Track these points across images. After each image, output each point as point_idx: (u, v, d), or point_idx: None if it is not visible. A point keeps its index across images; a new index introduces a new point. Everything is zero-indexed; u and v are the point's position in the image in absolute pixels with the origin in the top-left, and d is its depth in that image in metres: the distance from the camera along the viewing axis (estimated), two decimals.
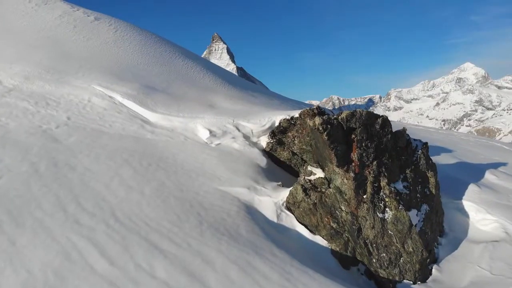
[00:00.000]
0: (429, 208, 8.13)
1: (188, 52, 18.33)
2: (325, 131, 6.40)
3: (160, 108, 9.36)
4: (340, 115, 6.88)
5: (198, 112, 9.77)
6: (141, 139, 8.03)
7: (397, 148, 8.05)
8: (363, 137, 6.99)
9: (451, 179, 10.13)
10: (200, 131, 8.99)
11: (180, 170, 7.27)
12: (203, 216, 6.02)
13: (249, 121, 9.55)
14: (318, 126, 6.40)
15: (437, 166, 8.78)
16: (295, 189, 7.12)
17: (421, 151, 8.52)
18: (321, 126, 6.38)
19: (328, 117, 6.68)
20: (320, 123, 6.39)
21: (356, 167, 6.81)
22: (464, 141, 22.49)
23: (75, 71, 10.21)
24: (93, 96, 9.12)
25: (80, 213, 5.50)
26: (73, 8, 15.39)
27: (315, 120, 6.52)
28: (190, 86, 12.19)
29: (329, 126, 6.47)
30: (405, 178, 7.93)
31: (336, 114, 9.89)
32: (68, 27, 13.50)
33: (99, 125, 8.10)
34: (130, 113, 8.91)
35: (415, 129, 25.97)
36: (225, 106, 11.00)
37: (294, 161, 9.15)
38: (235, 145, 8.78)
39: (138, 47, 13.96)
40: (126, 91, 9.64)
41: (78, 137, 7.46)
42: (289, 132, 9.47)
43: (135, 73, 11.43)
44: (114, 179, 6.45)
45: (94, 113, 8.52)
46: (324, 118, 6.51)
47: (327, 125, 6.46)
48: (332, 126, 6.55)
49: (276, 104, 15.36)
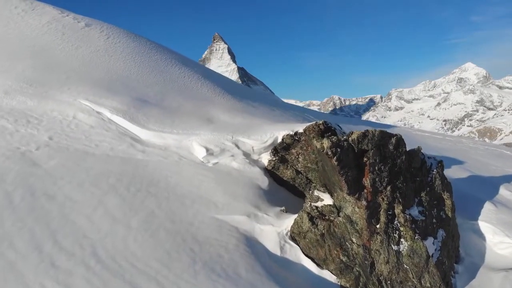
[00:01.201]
0: (445, 234, 7.71)
1: (186, 59, 17.83)
2: (334, 156, 5.87)
3: (152, 124, 8.84)
4: (351, 135, 6.34)
5: (194, 127, 9.25)
6: (130, 160, 7.50)
7: (411, 169, 7.54)
8: (376, 160, 6.46)
9: (465, 197, 9.79)
10: (196, 149, 8.47)
11: (173, 196, 6.73)
12: (197, 252, 5.49)
13: (249, 137, 9.07)
14: (327, 150, 5.85)
15: (450, 181, 8.39)
16: (300, 217, 6.58)
17: (436, 171, 8.07)
18: (330, 150, 5.84)
19: (338, 138, 6.14)
20: (329, 146, 5.85)
21: (369, 194, 6.28)
22: (473, 149, 22.18)
23: (61, 84, 9.67)
24: (79, 112, 8.60)
25: (57, 253, 4.98)
26: (62, 14, 14.87)
27: (323, 142, 5.98)
28: (186, 97, 11.67)
29: (338, 149, 5.93)
30: (420, 202, 7.46)
31: (346, 134, 9.41)
32: (56, 35, 12.96)
33: (84, 145, 7.58)
34: (119, 130, 8.39)
35: (421, 136, 25.52)
36: (224, 120, 10.48)
37: (299, 180, 8.65)
38: (234, 164, 8.27)
39: (132, 55, 13.44)
40: (115, 105, 9.11)
41: (60, 160, 6.94)
42: (292, 148, 8.98)
43: (127, 84, 10.91)
44: (97, 210, 5.92)
45: (80, 131, 8.00)
46: (333, 141, 5.97)
47: (337, 148, 5.93)
48: (342, 149, 6.01)
49: (278, 114, 14.84)
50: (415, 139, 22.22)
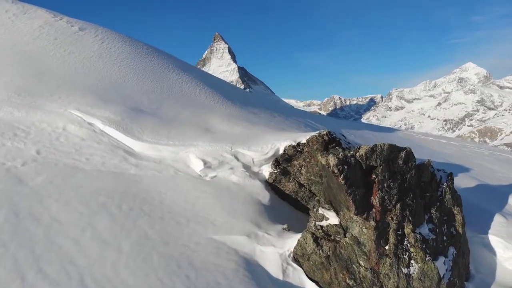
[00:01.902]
0: (456, 251, 7.47)
1: (184, 64, 17.55)
2: (341, 174, 5.56)
3: (147, 135, 8.53)
4: (358, 151, 6.02)
5: (192, 138, 8.95)
6: (122, 175, 7.20)
7: (421, 183, 7.25)
8: (385, 176, 6.15)
9: (474, 208, 9.57)
10: (193, 162, 8.18)
11: (167, 215, 6.43)
12: (192, 279, 5.19)
13: (249, 148, 8.78)
14: (333, 168, 5.54)
15: (458, 192, 8.16)
16: (304, 238, 6.27)
17: (446, 184, 7.82)
18: (336, 168, 5.53)
19: (344, 154, 5.83)
20: (335, 164, 5.54)
21: (378, 214, 5.97)
22: (478, 154, 22.03)
23: (51, 92, 9.36)
24: (70, 123, 8.29)
25: (40, 282, 4.71)
26: (55, 18, 14.57)
27: (329, 159, 5.66)
28: (183, 105, 11.38)
29: (345, 167, 5.62)
30: (431, 219, 7.18)
31: (350, 144, 9.09)
32: (48, 40, 12.66)
33: (74, 159, 7.27)
34: (111, 142, 8.08)
35: (424, 140, 25.25)
36: (223, 129, 10.17)
37: (301, 194, 8.38)
38: (233, 178, 7.99)
39: (127, 61, 13.15)
40: (108, 116, 8.81)
41: (48, 177, 6.64)
42: (295, 160, 8.70)
43: (121, 92, 10.60)
44: (86, 232, 5.62)
45: (69, 144, 7.70)
46: (340, 157, 5.66)
47: (344, 165, 5.61)
48: (349, 166, 5.70)
49: (279, 121, 14.55)
50: (419, 144, 21.97)
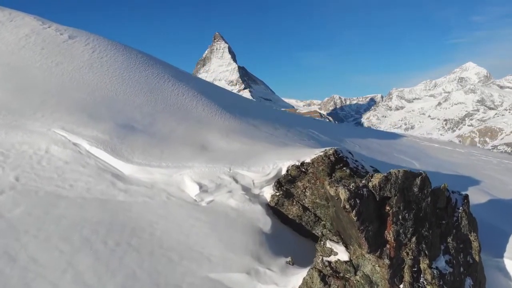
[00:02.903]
0: (473, 282, 7.12)
1: (180, 72, 17.17)
2: (353, 209, 5.12)
3: (138, 156, 8.13)
4: (371, 180, 5.59)
5: (187, 158, 8.54)
6: (109, 203, 6.79)
7: (436, 210, 6.84)
8: (400, 208, 5.73)
9: (487, 228, 9.21)
10: (188, 185, 7.77)
11: (158, 250, 6.00)
12: None
13: (249, 168, 8.38)
14: (345, 203, 5.11)
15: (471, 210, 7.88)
16: (310, 276, 5.84)
17: (462, 209, 7.46)
18: (348, 203, 5.10)
19: (356, 185, 5.40)
20: (346, 198, 5.11)
21: (392, 250, 5.54)
22: (486, 163, 21.83)
23: (34, 110, 8.95)
24: (53, 144, 7.89)
25: None
26: (43, 25, 14.19)
27: (340, 192, 5.24)
28: (179, 119, 10.97)
29: (358, 200, 5.19)
30: (447, 249, 6.81)
31: (358, 163, 8.65)
32: (35, 50, 12.28)
33: (56, 186, 6.87)
34: (98, 165, 7.67)
35: (430, 147, 24.91)
36: (221, 146, 9.76)
37: (306, 218, 7.98)
38: (232, 202, 7.59)
39: (119, 72, 12.75)
40: (96, 135, 8.40)
41: (27, 207, 6.23)
42: (298, 181, 8.27)
43: (112, 107, 10.19)
44: (66, 273, 5.21)
45: (52, 168, 7.29)
46: (352, 189, 5.23)
47: (356, 199, 5.18)
48: (362, 199, 5.28)
49: (281, 134, 14.15)
50: (425, 152, 21.65)
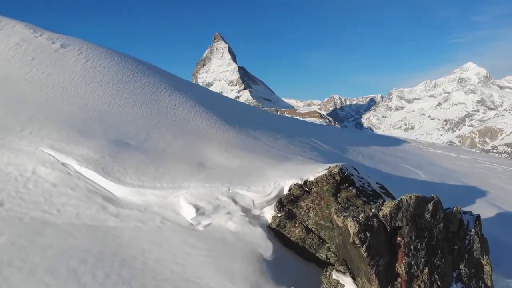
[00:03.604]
0: None
1: (178, 81, 16.91)
2: (363, 244, 4.83)
3: (130, 176, 7.86)
4: (382, 209, 5.31)
5: (183, 177, 8.28)
6: (100, 230, 6.52)
7: (448, 235, 6.55)
8: (412, 237, 5.43)
9: (497, 244, 9.01)
10: (184, 208, 7.52)
11: (151, 282, 5.72)
12: None
13: (249, 188, 8.15)
14: (354, 238, 4.82)
15: None
16: None
17: (474, 231, 7.19)
18: (357, 237, 4.80)
19: (365, 216, 5.11)
20: (355, 232, 4.82)
21: (403, 284, 5.25)
22: (491, 171, 21.74)
23: (22, 126, 8.68)
24: (40, 165, 7.62)
25: None
26: (35, 34, 13.97)
27: (348, 224, 4.97)
28: (175, 133, 10.70)
29: (368, 234, 4.90)
30: (460, 277, 6.60)
31: (364, 180, 8.38)
32: (25, 60, 12.04)
33: (43, 211, 6.61)
34: (88, 187, 7.41)
35: (434, 154, 24.66)
36: (219, 163, 9.49)
37: (309, 240, 7.72)
38: (231, 226, 7.33)
39: (113, 82, 12.50)
40: (86, 154, 8.13)
41: (10, 236, 5.96)
42: (301, 201, 8.01)
43: (104, 121, 9.93)
44: None
45: (39, 192, 7.03)
46: (361, 222, 4.95)
47: (366, 232, 4.89)
48: (372, 232, 4.99)
49: (283, 145, 13.88)
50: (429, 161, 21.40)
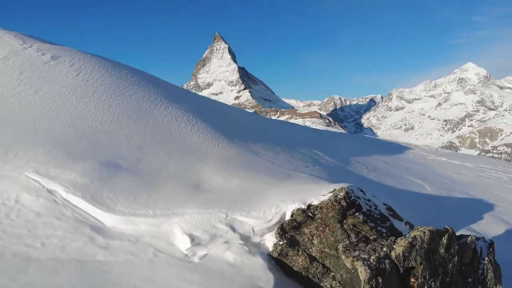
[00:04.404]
0: None
1: (175, 91, 16.63)
2: None
3: (121, 203, 7.57)
4: (394, 248, 5.01)
5: (177, 203, 7.99)
6: (87, 265, 6.23)
7: (462, 267, 6.26)
8: (426, 277, 5.11)
9: (507, 265, 8.56)
10: (178, 238, 7.24)
11: None
12: None
13: (248, 213, 7.90)
14: (365, 285, 4.51)
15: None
16: None
17: (487, 259, 6.89)
18: (368, 284, 4.50)
19: (377, 258, 4.80)
20: (367, 279, 4.51)
21: None
22: (497, 180, 21.70)
23: (6, 149, 8.36)
24: (24, 192, 7.32)
25: None
26: (24, 45, 13.69)
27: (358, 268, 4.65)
28: (170, 152, 10.42)
29: (380, 279, 4.59)
30: None
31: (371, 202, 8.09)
32: (12, 74, 11.74)
33: (26, 245, 6.32)
34: (76, 216, 7.12)
35: (438, 162, 24.35)
36: (216, 184, 9.20)
37: (313, 270, 7.48)
38: (229, 256, 7.08)
39: (106, 96, 12.22)
40: (74, 178, 7.83)
41: None
42: (305, 227, 7.75)
43: (95, 140, 9.64)
44: None
45: (22, 223, 6.73)
46: (372, 266, 4.65)
47: (378, 278, 4.59)
48: (384, 276, 4.67)
49: (284, 160, 13.56)
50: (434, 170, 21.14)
